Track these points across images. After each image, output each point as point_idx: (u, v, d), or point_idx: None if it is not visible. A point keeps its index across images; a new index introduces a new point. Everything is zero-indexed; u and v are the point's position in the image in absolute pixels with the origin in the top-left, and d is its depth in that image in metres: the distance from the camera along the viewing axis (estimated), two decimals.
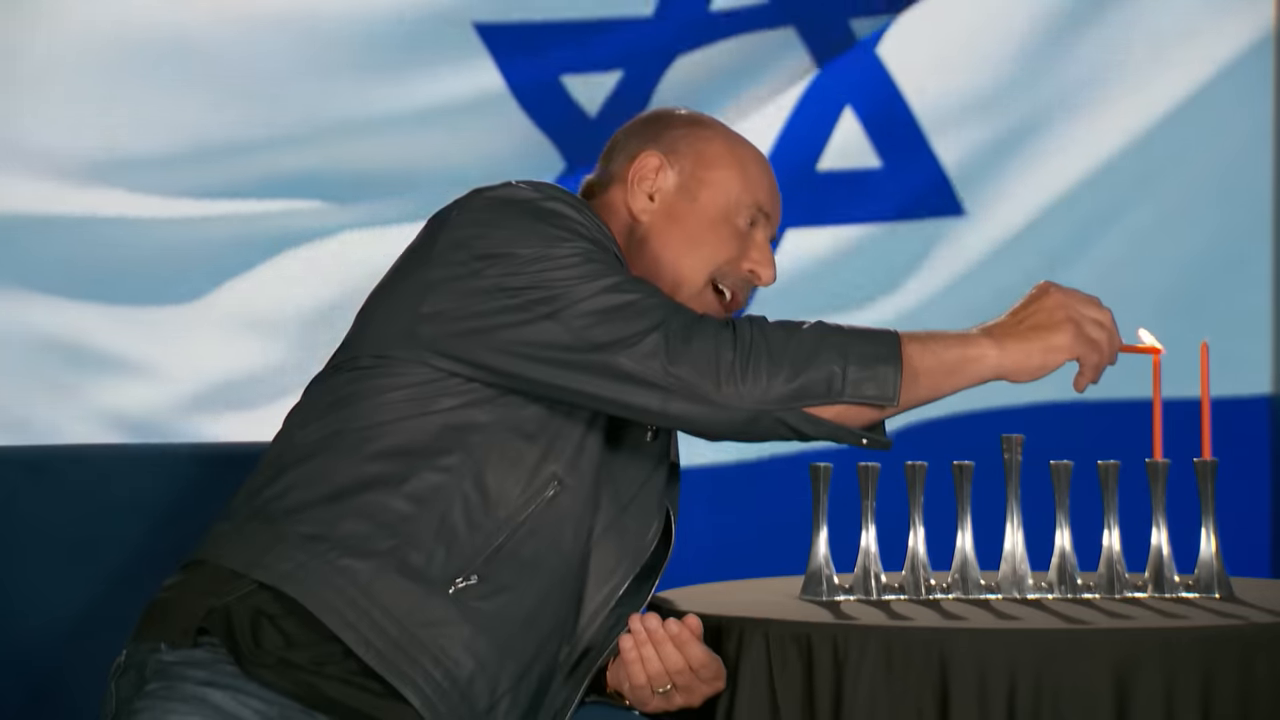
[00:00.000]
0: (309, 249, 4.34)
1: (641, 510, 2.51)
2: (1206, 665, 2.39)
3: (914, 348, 2.37)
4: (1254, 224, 4.65)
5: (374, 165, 4.39)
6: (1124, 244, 4.60)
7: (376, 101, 4.38)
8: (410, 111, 4.40)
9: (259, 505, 2.40)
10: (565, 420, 2.42)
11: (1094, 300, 2.44)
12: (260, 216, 4.32)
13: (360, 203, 4.38)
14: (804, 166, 4.55)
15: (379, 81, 4.38)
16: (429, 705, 2.32)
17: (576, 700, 2.49)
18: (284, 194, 4.35)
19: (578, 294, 2.36)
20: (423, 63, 4.41)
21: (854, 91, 4.55)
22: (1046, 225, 4.58)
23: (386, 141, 4.39)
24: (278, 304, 4.33)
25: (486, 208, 2.43)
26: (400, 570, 2.34)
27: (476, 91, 4.42)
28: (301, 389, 2.48)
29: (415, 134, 4.41)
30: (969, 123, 4.58)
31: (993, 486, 2.78)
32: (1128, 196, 4.62)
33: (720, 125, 2.61)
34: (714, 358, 2.34)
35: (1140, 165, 4.63)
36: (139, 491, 2.82)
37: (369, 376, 2.41)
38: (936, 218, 4.57)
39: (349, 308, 2.51)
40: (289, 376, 4.24)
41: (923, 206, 4.56)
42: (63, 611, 2.75)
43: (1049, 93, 4.60)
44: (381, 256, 2.53)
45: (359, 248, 4.33)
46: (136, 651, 2.37)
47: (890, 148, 4.56)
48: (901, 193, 4.56)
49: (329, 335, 2.57)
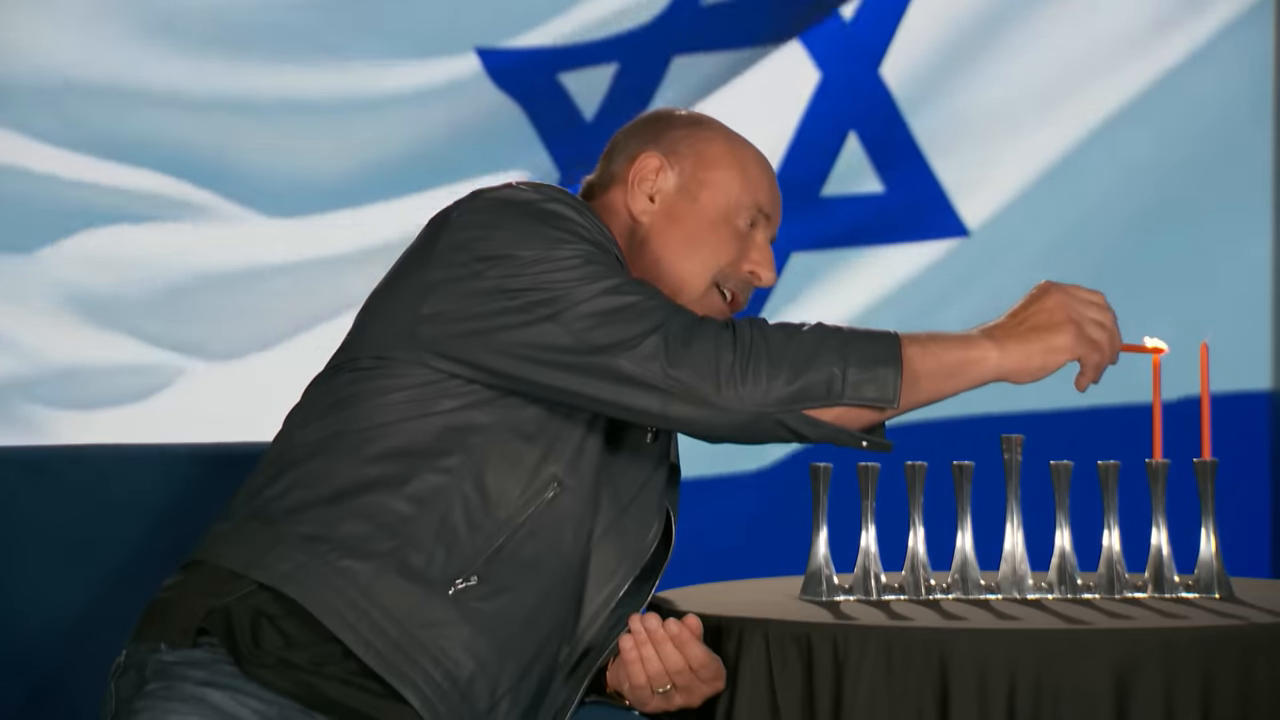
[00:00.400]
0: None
1: (642, 511, 2.51)
2: (1206, 665, 2.39)
3: (914, 350, 2.37)
4: (1254, 218, 4.65)
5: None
6: (1122, 239, 4.60)
7: None
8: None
9: (259, 505, 2.40)
10: (565, 422, 2.42)
11: (1095, 299, 2.43)
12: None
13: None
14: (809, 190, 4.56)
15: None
16: (429, 706, 2.32)
17: (576, 700, 2.49)
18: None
19: (578, 296, 2.36)
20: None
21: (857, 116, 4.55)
22: (1042, 224, 4.59)
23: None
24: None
25: (488, 209, 2.43)
26: (400, 571, 2.34)
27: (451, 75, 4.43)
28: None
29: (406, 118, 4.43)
30: (965, 138, 4.58)
31: (993, 487, 2.78)
32: (1124, 192, 4.63)
33: (721, 126, 2.61)
34: (714, 360, 2.34)
35: (1138, 160, 4.63)
36: (139, 491, 2.82)
37: (369, 378, 2.41)
38: (939, 239, 4.57)
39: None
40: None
41: (925, 227, 4.57)
42: (62, 611, 2.75)
43: (1037, 86, 4.61)
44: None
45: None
46: (136, 651, 2.37)
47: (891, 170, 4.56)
48: (902, 213, 4.57)
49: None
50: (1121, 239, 4.60)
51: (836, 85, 4.54)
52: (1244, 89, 4.66)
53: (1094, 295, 2.43)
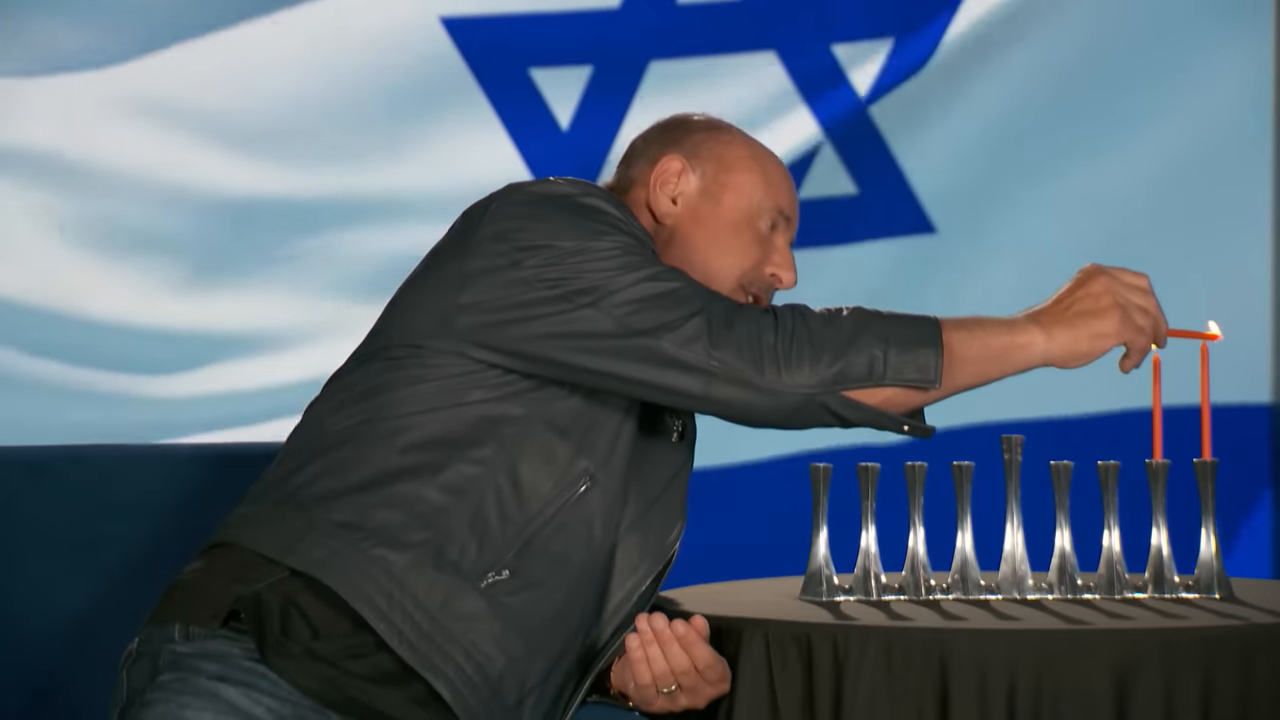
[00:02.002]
0: None
1: (665, 510, 2.52)
2: (1206, 666, 2.39)
3: (959, 335, 2.37)
4: (1254, 228, 4.65)
5: None
6: (1119, 248, 4.59)
7: None
8: None
9: (288, 491, 2.38)
10: (599, 416, 2.42)
11: (1140, 282, 2.42)
12: None
13: None
14: None
15: None
16: (459, 699, 2.32)
17: (580, 697, 2.50)
18: None
19: (619, 284, 2.36)
20: None
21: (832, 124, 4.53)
22: (1038, 231, 4.58)
23: None
24: None
25: (527, 202, 2.44)
26: (435, 563, 2.34)
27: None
28: None
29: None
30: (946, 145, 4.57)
31: (993, 487, 2.78)
32: (1123, 199, 4.62)
33: (738, 130, 2.63)
34: (756, 341, 2.35)
35: (1135, 170, 4.62)
36: (139, 491, 2.82)
37: (402, 366, 2.41)
38: (908, 236, 4.55)
39: None
40: None
41: (896, 226, 4.55)
42: (63, 612, 2.75)
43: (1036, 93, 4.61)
44: None
45: None
46: (151, 638, 2.35)
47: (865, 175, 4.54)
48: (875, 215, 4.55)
49: None
50: (1116, 244, 4.59)
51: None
52: (1244, 92, 4.65)
53: (1139, 279, 2.43)
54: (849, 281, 4.43)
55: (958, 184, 4.54)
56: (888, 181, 4.52)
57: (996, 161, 4.54)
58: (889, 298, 2.70)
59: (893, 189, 4.53)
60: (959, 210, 4.55)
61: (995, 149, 4.54)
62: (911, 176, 4.52)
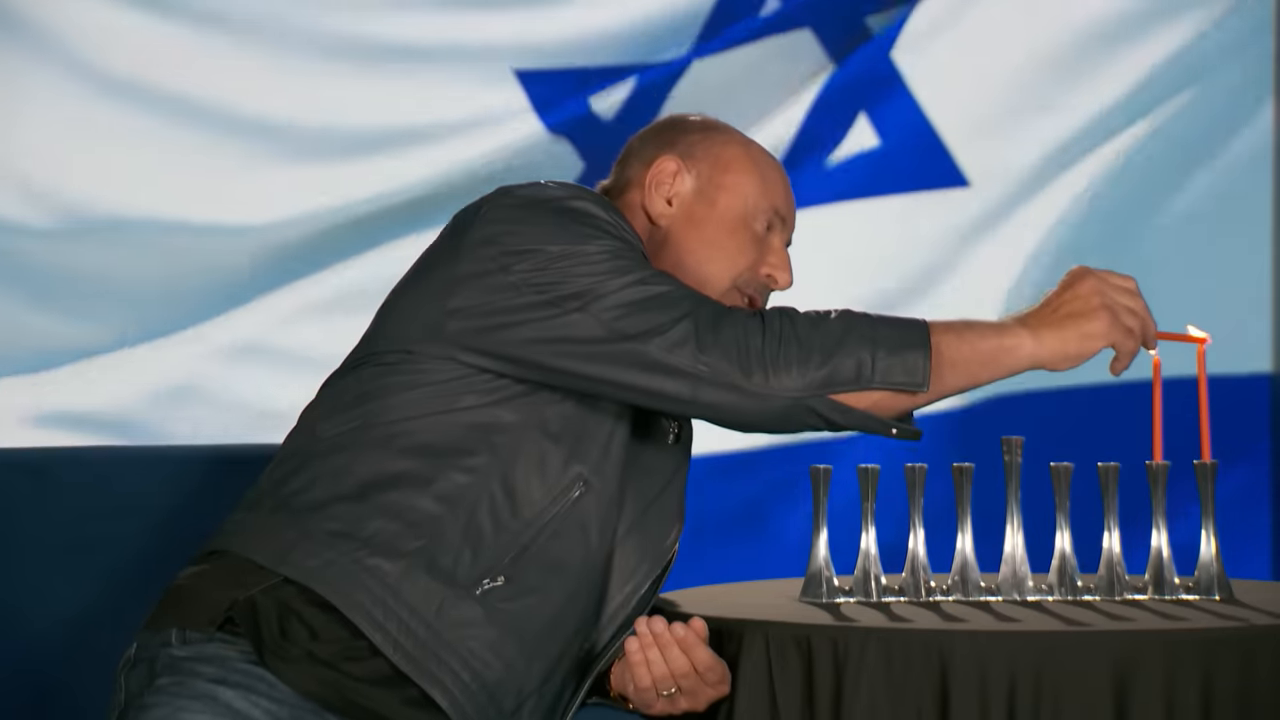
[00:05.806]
0: None
1: (662, 513, 2.52)
2: (1206, 667, 2.39)
3: (948, 337, 2.37)
4: (1254, 203, 4.66)
5: None
6: (1124, 220, 4.61)
7: None
8: None
9: (283, 498, 2.39)
10: (591, 421, 2.42)
11: (1127, 284, 2.43)
12: None
13: None
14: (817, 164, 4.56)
15: None
16: (457, 707, 2.32)
17: (578, 702, 2.49)
18: None
19: (607, 288, 2.36)
20: None
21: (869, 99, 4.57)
22: (1044, 202, 4.60)
23: None
24: None
25: (516, 206, 2.44)
26: (429, 571, 2.34)
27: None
28: None
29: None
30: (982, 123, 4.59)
31: (993, 489, 2.78)
32: (1128, 171, 4.63)
33: (735, 131, 2.62)
34: (744, 345, 2.35)
35: (1139, 138, 4.63)
36: (139, 492, 2.82)
37: (393, 372, 2.41)
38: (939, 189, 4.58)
39: None
40: None
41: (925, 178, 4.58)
42: (63, 613, 2.75)
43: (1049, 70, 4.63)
44: None
45: None
46: (149, 643, 2.35)
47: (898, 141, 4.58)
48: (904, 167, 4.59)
49: None
50: (1116, 228, 4.60)
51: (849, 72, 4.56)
52: (1244, 76, 4.66)
53: (1126, 281, 2.43)
54: None
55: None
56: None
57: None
58: None
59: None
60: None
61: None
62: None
